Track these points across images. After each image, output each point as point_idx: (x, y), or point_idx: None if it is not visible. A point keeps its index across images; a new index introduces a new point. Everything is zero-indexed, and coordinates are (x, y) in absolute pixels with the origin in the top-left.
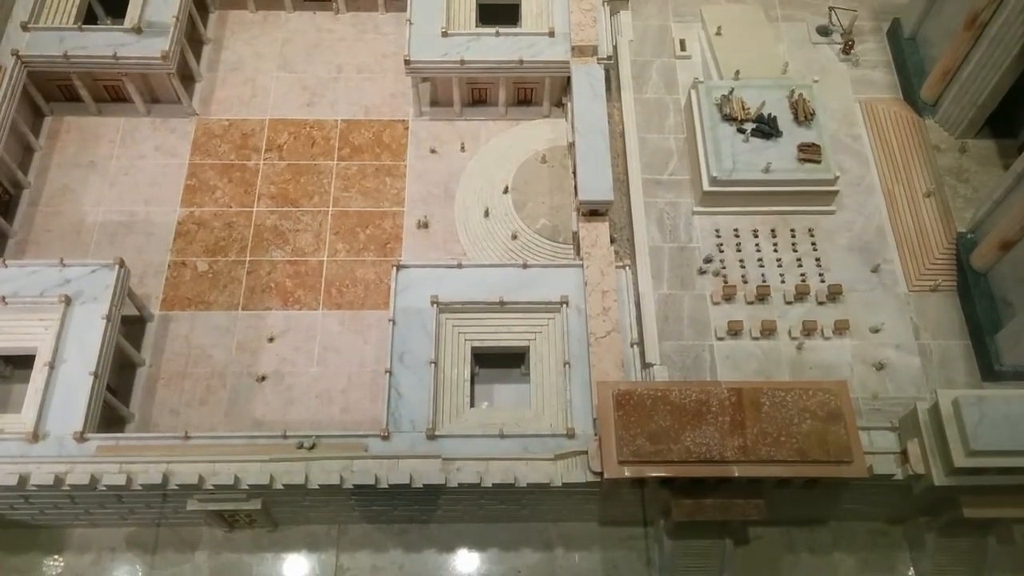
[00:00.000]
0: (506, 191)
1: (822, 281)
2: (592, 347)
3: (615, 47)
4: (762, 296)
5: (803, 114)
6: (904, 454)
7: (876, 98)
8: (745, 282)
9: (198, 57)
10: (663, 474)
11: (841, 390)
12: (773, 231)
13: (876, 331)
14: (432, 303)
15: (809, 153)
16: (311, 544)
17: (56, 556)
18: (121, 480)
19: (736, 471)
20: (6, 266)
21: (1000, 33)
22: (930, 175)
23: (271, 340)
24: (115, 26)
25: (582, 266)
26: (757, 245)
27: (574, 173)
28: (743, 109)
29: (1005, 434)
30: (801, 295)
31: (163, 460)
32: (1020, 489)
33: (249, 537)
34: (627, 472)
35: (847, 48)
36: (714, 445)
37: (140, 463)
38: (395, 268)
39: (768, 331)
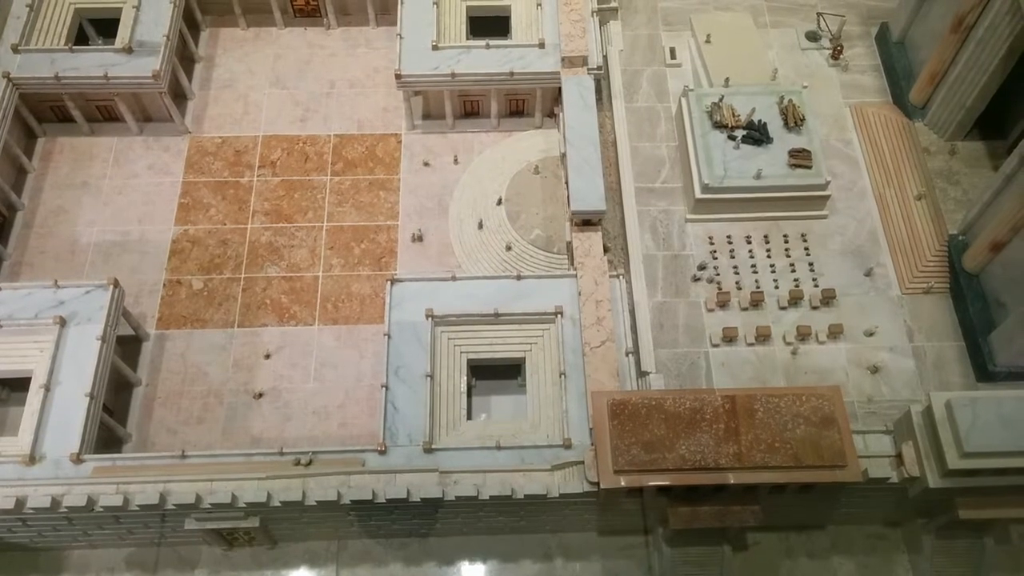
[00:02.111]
0: (500, 203)
1: (816, 286)
2: (587, 357)
3: (605, 57)
4: (756, 302)
5: (793, 120)
6: (899, 457)
7: (866, 102)
8: (739, 288)
9: (190, 75)
10: (658, 483)
11: (835, 395)
12: (766, 237)
13: (870, 334)
14: (427, 316)
15: (800, 159)
16: (311, 560)
17: None
18: (118, 501)
19: (731, 478)
20: (0, 289)
21: (986, 36)
22: (921, 178)
23: (267, 357)
24: (106, 46)
25: (576, 276)
26: (750, 251)
27: (567, 183)
28: (733, 116)
29: (999, 435)
30: (795, 300)
31: (160, 480)
32: (1016, 489)
33: (248, 555)
34: (623, 481)
35: (836, 53)
36: (709, 452)
37: (137, 483)
38: (389, 282)
39: (763, 337)
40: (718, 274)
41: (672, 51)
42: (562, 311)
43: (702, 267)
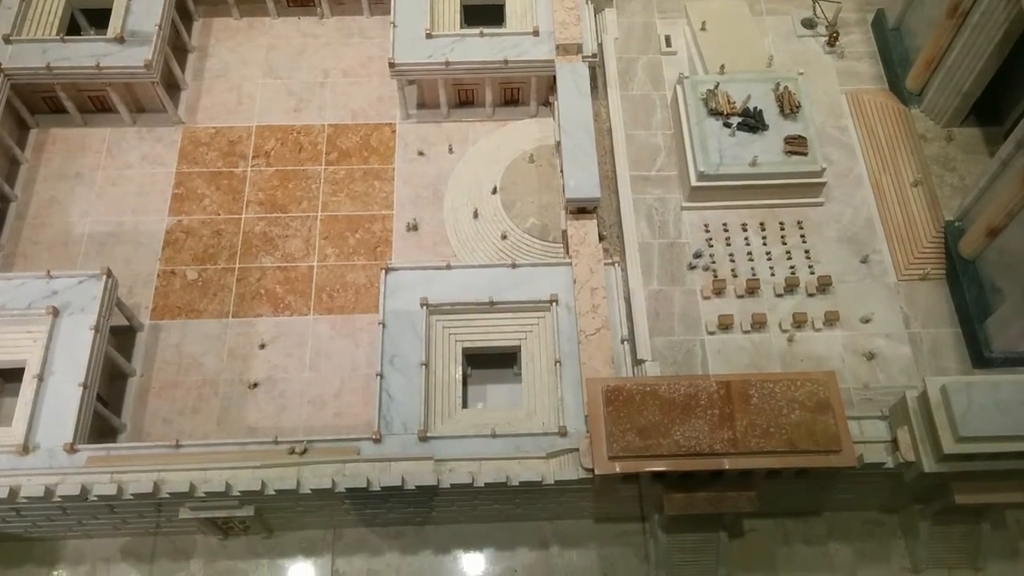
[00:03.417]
0: (495, 191)
1: (812, 273)
2: (582, 344)
3: (600, 45)
4: (752, 290)
5: (789, 107)
6: (894, 442)
7: (862, 89)
8: (735, 276)
9: (183, 65)
10: (653, 469)
11: (829, 380)
12: (762, 224)
13: (866, 321)
14: (422, 305)
15: (795, 145)
16: (306, 549)
17: (51, 568)
18: (112, 490)
19: (726, 463)
20: None
21: (981, 21)
22: (917, 164)
23: (262, 347)
24: (98, 36)
25: (571, 264)
26: (746, 239)
27: (561, 172)
28: (729, 103)
29: (994, 420)
30: (791, 287)
31: (154, 469)
32: (1011, 474)
33: (244, 544)
34: (617, 468)
35: (832, 40)
36: (703, 438)
37: (131, 472)
38: (384, 271)
39: (759, 324)
40: (714, 262)
41: (667, 39)
42: (557, 299)
43: (698, 255)
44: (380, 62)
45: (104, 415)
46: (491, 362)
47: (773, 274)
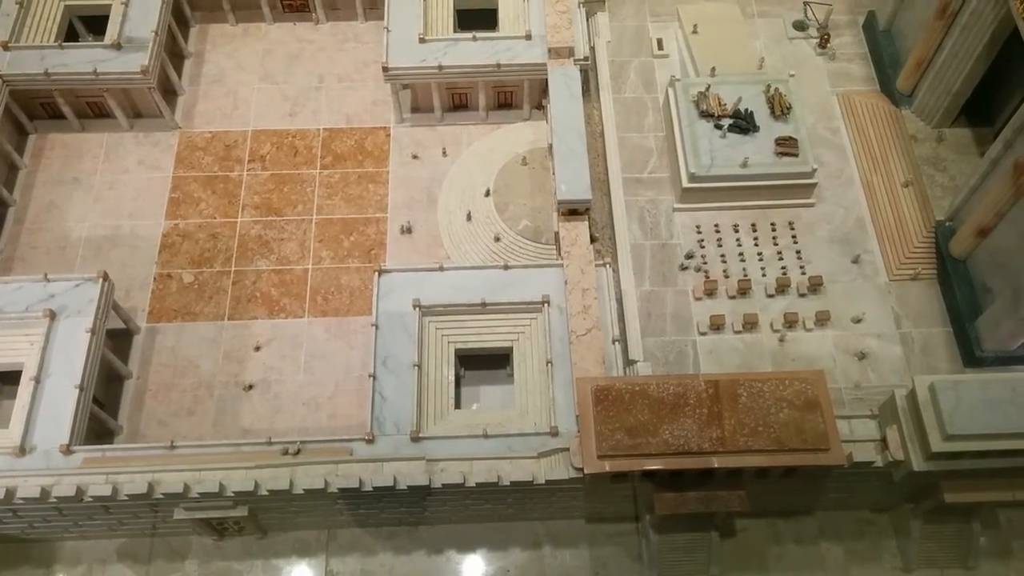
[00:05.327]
0: (488, 194)
1: (803, 273)
2: (573, 345)
3: (592, 48)
4: (743, 290)
5: (779, 108)
6: (884, 441)
7: (853, 90)
8: (726, 277)
9: (179, 71)
10: (642, 467)
11: (818, 379)
12: (753, 225)
13: (857, 321)
14: (415, 306)
15: (786, 147)
16: (300, 550)
17: (48, 570)
18: (107, 491)
19: (715, 462)
20: None
21: (970, 22)
22: (908, 165)
23: (257, 349)
24: (95, 43)
25: (562, 265)
26: (738, 240)
27: (554, 174)
28: (720, 105)
29: (981, 418)
30: (782, 288)
31: (149, 470)
32: (999, 472)
33: (239, 545)
34: (607, 467)
35: (823, 42)
36: (692, 437)
37: (126, 473)
38: (377, 273)
39: (750, 325)
40: (705, 262)
41: (659, 42)
42: (549, 300)
43: (690, 256)
44: (375, 67)
45: (100, 417)
46: (484, 363)
47: (764, 275)
